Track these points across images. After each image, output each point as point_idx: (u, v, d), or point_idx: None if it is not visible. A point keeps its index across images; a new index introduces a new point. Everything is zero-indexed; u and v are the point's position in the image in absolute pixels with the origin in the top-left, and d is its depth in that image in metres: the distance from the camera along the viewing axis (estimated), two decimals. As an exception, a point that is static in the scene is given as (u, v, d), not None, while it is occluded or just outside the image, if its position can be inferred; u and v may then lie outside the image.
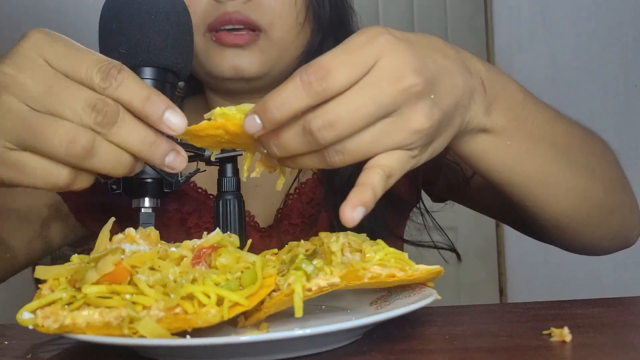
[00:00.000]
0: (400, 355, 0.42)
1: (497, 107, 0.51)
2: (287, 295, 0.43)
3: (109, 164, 0.44)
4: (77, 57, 0.43)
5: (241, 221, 0.59)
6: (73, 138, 0.42)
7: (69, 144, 0.42)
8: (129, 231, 0.47)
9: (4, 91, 0.43)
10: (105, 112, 0.42)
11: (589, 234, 0.65)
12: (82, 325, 0.41)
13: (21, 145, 0.43)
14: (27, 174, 0.44)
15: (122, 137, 0.43)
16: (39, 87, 0.43)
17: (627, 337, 0.45)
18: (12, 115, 0.43)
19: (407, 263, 0.49)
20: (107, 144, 0.43)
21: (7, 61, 0.44)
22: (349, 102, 0.41)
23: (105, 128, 0.42)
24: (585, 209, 0.61)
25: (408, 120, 0.43)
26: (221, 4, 0.71)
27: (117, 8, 0.54)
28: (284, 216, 0.77)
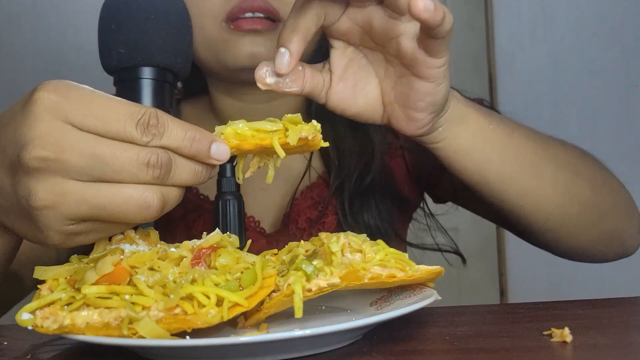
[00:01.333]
0: (400, 356, 0.42)
1: (474, 109, 0.58)
2: (287, 296, 0.43)
3: (174, 204, 0.44)
4: (106, 113, 0.41)
5: (241, 222, 0.59)
6: (145, 204, 0.41)
7: (145, 212, 0.41)
8: (128, 232, 0.47)
9: (47, 174, 0.40)
10: (160, 165, 0.41)
11: (581, 236, 0.65)
12: (82, 325, 0.41)
13: (89, 218, 0.42)
14: (107, 232, 0.44)
15: (181, 179, 0.43)
16: (83, 159, 0.40)
17: (628, 338, 0.45)
18: (67, 196, 0.40)
19: (407, 263, 0.49)
20: (170, 189, 0.43)
21: (33, 142, 0.39)
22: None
23: (164, 179, 0.42)
24: (574, 208, 0.62)
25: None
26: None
27: (117, 8, 0.54)
28: (290, 220, 0.77)
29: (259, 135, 0.46)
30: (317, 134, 0.47)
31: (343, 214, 0.75)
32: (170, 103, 0.56)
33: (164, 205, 0.43)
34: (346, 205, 0.75)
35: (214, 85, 0.82)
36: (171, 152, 0.42)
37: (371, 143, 0.77)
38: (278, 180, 0.80)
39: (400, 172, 0.81)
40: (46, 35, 2.18)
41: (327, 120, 0.79)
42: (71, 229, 0.42)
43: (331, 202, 0.77)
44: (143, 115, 0.41)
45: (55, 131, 0.40)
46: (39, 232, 0.42)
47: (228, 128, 0.46)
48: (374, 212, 0.76)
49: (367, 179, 0.75)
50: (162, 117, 0.42)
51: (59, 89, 0.41)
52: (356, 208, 0.75)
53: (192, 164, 0.44)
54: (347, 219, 0.75)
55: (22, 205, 0.41)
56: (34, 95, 0.40)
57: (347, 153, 0.76)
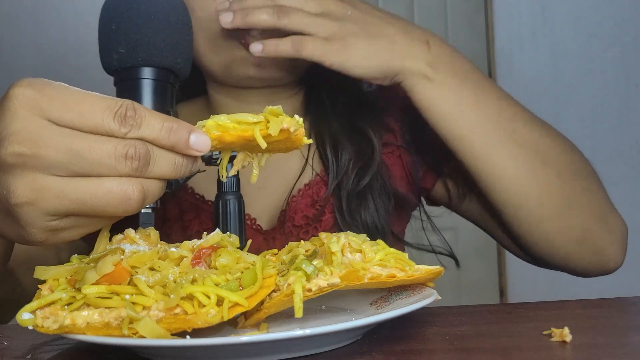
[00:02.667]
0: (400, 356, 0.42)
1: (441, 64, 0.66)
2: (287, 296, 0.43)
3: (156, 197, 0.44)
4: (82, 107, 0.41)
5: (241, 221, 0.59)
6: (125, 197, 0.41)
7: (125, 204, 0.41)
8: (129, 232, 0.47)
9: (25, 170, 0.40)
10: (139, 156, 0.41)
11: (547, 222, 0.68)
12: (82, 325, 0.41)
13: (70, 213, 0.42)
14: (91, 226, 0.44)
15: (160, 171, 0.43)
16: (60, 154, 0.40)
17: (627, 338, 0.45)
18: (46, 192, 0.40)
19: (407, 263, 0.49)
20: (151, 182, 0.43)
21: (9, 138, 0.39)
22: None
23: (143, 170, 0.42)
24: (536, 190, 0.67)
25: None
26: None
27: (116, 8, 0.54)
28: (287, 218, 0.77)
29: (241, 127, 0.45)
30: (300, 128, 0.47)
31: (340, 213, 0.76)
32: (171, 103, 0.56)
33: (145, 197, 0.42)
34: (344, 205, 0.75)
35: (213, 86, 0.82)
36: (149, 144, 0.42)
37: (370, 143, 0.77)
38: (276, 179, 0.80)
39: (398, 171, 0.82)
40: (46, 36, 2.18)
41: (324, 119, 0.80)
42: (53, 225, 0.42)
43: (329, 200, 0.77)
44: (120, 108, 0.41)
45: (31, 127, 0.40)
46: (21, 229, 0.42)
47: (209, 120, 0.46)
48: (371, 211, 0.76)
49: (365, 179, 0.76)
50: (139, 109, 0.42)
51: (34, 85, 0.41)
52: (354, 207, 0.76)
53: (171, 155, 0.43)
54: (345, 218, 0.75)
55: (3, 204, 0.41)
56: (9, 92, 0.41)
57: (345, 152, 0.77)
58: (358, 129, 0.78)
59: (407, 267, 0.48)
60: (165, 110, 0.55)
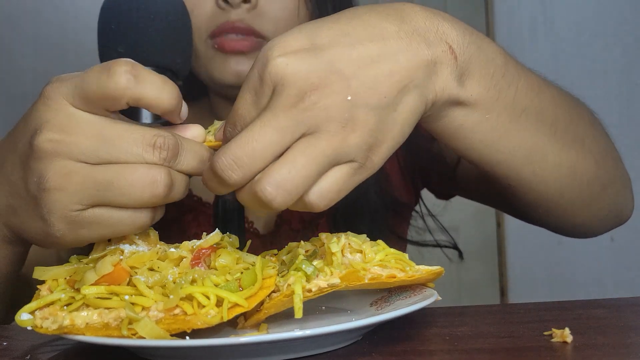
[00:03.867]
0: (400, 356, 0.42)
1: (473, 74, 0.45)
2: (287, 296, 0.43)
3: (181, 193, 0.44)
4: (107, 92, 0.41)
5: (240, 222, 0.59)
6: (153, 180, 0.41)
7: (152, 188, 0.41)
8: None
9: (56, 157, 0.41)
10: (167, 147, 0.42)
11: (581, 212, 0.60)
12: (81, 326, 0.41)
13: (95, 203, 0.42)
14: (110, 227, 0.43)
15: (188, 164, 0.43)
16: (89, 140, 0.41)
17: (628, 338, 0.45)
18: (75, 177, 0.41)
19: (407, 264, 0.49)
20: (178, 174, 0.43)
21: (42, 126, 0.41)
22: (250, 140, 0.39)
23: (171, 162, 0.42)
24: (577, 186, 0.56)
25: (325, 138, 0.39)
26: (224, 11, 0.70)
27: (116, 8, 0.54)
28: (284, 221, 0.77)
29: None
30: None
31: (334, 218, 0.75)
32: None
33: (172, 185, 0.42)
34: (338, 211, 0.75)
35: (212, 88, 0.82)
36: (179, 136, 0.43)
37: None
38: None
39: (395, 173, 0.81)
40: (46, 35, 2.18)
41: None
42: (75, 216, 0.42)
43: None
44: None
45: (62, 114, 0.41)
46: (43, 222, 0.42)
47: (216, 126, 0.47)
48: (367, 217, 0.75)
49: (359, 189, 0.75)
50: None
51: (64, 78, 0.43)
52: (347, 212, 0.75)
53: (199, 150, 0.44)
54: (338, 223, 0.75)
55: (32, 192, 0.42)
56: (44, 88, 0.43)
57: None
58: None
59: (408, 268, 0.48)
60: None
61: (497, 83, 0.47)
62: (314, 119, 0.38)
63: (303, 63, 0.39)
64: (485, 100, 0.46)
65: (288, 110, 0.38)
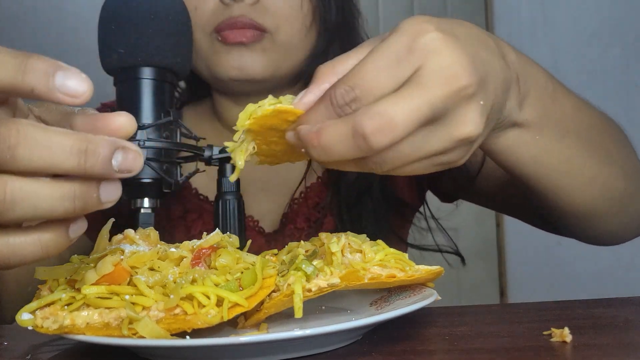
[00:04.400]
0: (400, 356, 0.42)
1: (529, 101, 0.48)
2: (287, 296, 0.43)
3: (33, 210, 0.32)
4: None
5: (241, 222, 0.59)
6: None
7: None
8: (128, 232, 0.47)
9: None
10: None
11: (609, 222, 0.62)
12: (82, 325, 0.41)
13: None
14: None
15: (33, 156, 0.31)
16: None
17: (627, 338, 0.45)
18: None
19: (407, 263, 0.49)
20: (15, 181, 0.32)
21: None
22: (400, 105, 0.36)
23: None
24: (608, 198, 0.59)
25: (455, 127, 0.39)
26: (227, 6, 0.71)
27: (116, 8, 0.54)
28: (289, 220, 0.77)
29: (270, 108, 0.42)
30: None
31: (340, 220, 0.75)
32: (170, 103, 0.56)
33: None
34: (343, 210, 0.75)
35: (215, 86, 0.82)
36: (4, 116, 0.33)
37: None
38: (278, 181, 0.80)
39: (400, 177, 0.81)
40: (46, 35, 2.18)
41: None
42: None
43: (330, 203, 0.77)
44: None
45: None
46: None
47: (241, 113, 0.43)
48: (371, 218, 0.75)
49: (365, 183, 0.75)
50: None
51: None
52: (354, 212, 0.75)
53: (52, 131, 0.32)
54: (345, 223, 0.75)
55: None
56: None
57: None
58: None
59: (407, 268, 0.48)
60: (165, 109, 0.55)
61: (547, 107, 0.50)
62: (455, 107, 0.38)
63: (456, 45, 0.38)
64: (537, 123, 0.49)
65: (443, 89, 0.37)
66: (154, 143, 0.53)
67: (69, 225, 0.35)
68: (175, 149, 0.56)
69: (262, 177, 0.79)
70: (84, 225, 0.36)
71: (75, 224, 0.35)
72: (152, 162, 0.53)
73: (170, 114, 0.55)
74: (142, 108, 0.54)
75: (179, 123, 0.56)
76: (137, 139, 0.53)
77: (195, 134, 0.59)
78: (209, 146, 0.59)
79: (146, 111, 0.54)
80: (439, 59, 0.38)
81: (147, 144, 0.53)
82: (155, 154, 0.53)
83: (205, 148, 0.59)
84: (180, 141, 0.57)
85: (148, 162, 0.53)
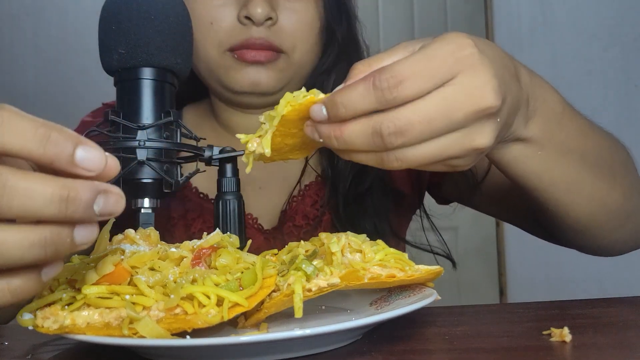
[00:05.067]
0: (400, 356, 0.42)
1: (535, 119, 0.51)
2: (287, 296, 0.43)
3: (19, 255, 0.32)
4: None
5: (241, 222, 0.59)
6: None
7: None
8: (129, 232, 0.47)
9: None
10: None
11: (606, 237, 0.65)
12: (82, 325, 0.41)
13: None
14: None
15: (12, 205, 0.31)
16: None
17: (627, 337, 0.45)
18: None
19: (407, 263, 0.49)
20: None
21: None
22: (423, 112, 0.40)
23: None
24: (605, 214, 0.61)
25: (472, 139, 0.42)
26: (246, 27, 0.72)
27: (117, 9, 0.54)
28: (287, 218, 0.77)
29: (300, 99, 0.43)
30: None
31: (338, 218, 0.76)
32: (171, 103, 0.57)
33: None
34: (340, 207, 0.75)
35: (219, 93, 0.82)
36: (5, 167, 0.32)
37: None
38: (277, 179, 0.80)
39: (399, 178, 0.82)
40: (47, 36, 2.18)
41: None
42: None
43: (329, 201, 0.77)
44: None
45: None
46: None
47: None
48: (370, 215, 0.76)
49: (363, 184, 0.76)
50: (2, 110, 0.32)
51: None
52: (352, 212, 0.76)
53: (40, 181, 0.32)
54: (342, 222, 0.75)
55: None
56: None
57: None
58: None
59: (407, 267, 0.48)
60: (165, 110, 0.55)
61: (552, 127, 0.53)
62: (475, 122, 0.42)
63: (488, 66, 0.42)
64: (540, 140, 0.52)
65: (469, 107, 0.41)
66: (155, 143, 0.53)
67: (41, 269, 0.34)
68: (175, 149, 0.56)
69: (261, 175, 0.79)
70: (58, 267, 0.35)
71: (49, 267, 0.35)
72: (153, 163, 0.53)
73: (170, 114, 0.55)
74: (142, 108, 0.54)
75: (179, 123, 0.56)
76: (138, 139, 0.53)
77: (195, 134, 0.59)
78: (209, 146, 0.59)
79: (146, 111, 0.54)
80: (473, 75, 0.41)
81: (147, 144, 0.53)
82: (156, 154, 0.54)
83: (205, 148, 0.59)
84: (180, 141, 0.57)
85: (148, 162, 0.53)
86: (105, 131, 0.55)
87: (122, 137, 0.54)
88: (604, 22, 2.09)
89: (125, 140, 0.53)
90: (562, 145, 0.54)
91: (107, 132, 0.55)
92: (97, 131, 0.55)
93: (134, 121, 0.54)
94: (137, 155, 0.53)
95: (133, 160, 0.53)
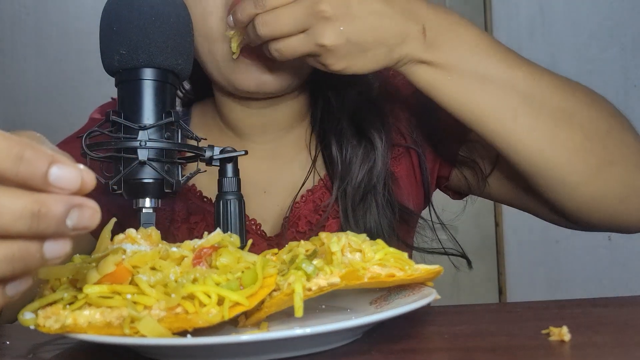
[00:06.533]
0: (399, 355, 0.42)
1: (439, 46, 0.62)
2: (287, 295, 0.43)
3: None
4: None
5: (241, 221, 0.60)
6: None
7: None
8: (130, 231, 0.47)
9: None
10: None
11: (583, 186, 0.66)
12: (84, 325, 0.41)
13: None
14: None
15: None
16: None
17: (626, 337, 0.45)
18: None
19: (406, 263, 0.49)
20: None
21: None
22: (280, 13, 0.58)
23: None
24: (564, 156, 0.64)
25: (316, 36, 0.57)
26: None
27: (118, 9, 0.55)
28: (290, 224, 0.77)
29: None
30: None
31: (345, 216, 0.75)
32: (172, 104, 0.57)
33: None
34: (349, 211, 0.75)
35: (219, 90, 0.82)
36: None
37: (376, 144, 0.77)
38: (279, 184, 0.80)
39: (406, 177, 0.81)
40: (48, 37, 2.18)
41: (331, 118, 0.79)
42: None
43: (332, 206, 0.77)
44: None
45: None
46: None
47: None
48: (376, 217, 0.76)
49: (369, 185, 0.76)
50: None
51: None
52: (358, 211, 0.76)
53: (8, 195, 0.31)
54: (349, 222, 0.75)
55: None
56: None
57: (351, 159, 0.76)
58: (365, 130, 0.78)
59: (407, 267, 0.49)
60: (166, 110, 0.55)
61: (461, 54, 0.63)
62: (316, 23, 0.57)
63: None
64: (446, 65, 0.62)
65: (307, 10, 0.57)
66: (156, 143, 0.53)
67: (6, 284, 0.34)
68: (176, 149, 0.56)
69: (264, 179, 0.79)
70: (27, 282, 0.34)
71: (16, 282, 0.34)
72: (154, 163, 0.53)
73: (171, 115, 0.55)
74: (143, 109, 0.54)
75: (180, 124, 0.57)
76: (139, 139, 0.53)
77: (195, 134, 0.59)
78: (210, 146, 0.59)
79: (148, 112, 0.54)
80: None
81: (148, 145, 0.53)
82: (157, 154, 0.54)
83: (206, 148, 0.59)
84: (181, 142, 0.57)
85: (150, 162, 0.53)
86: (107, 131, 0.55)
87: (123, 137, 0.54)
88: (603, 23, 2.09)
89: (127, 141, 0.53)
90: (476, 73, 0.63)
91: (108, 132, 0.55)
92: (98, 131, 0.55)
93: (135, 121, 0.54)
94: (138, 156, 0.53)
95: (134, 161, 0.53)
